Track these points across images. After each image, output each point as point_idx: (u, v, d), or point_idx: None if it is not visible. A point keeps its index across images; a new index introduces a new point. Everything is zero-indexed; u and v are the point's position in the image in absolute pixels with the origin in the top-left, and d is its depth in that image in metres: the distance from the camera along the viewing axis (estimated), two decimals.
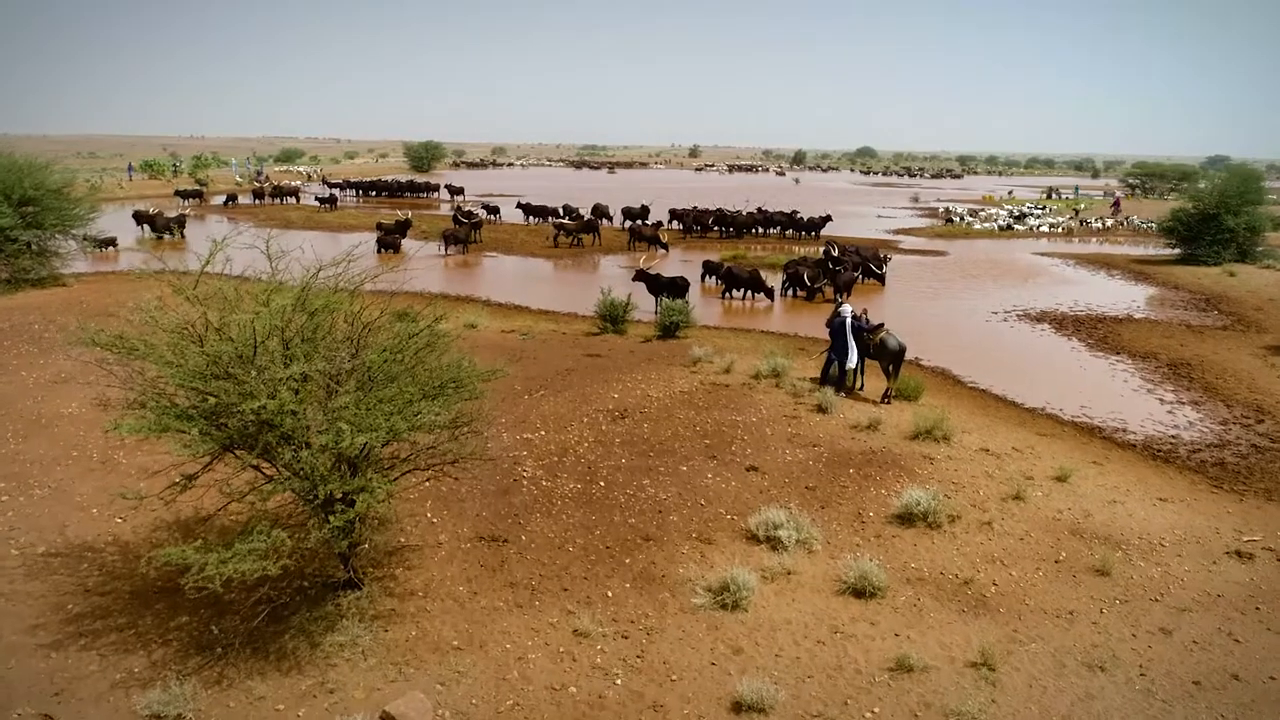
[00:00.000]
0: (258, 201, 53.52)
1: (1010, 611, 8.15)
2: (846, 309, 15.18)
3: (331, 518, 6.53)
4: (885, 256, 29.35)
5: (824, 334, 16.22)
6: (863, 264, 27.74)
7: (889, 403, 14.36)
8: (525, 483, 10.58)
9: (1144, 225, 49.32)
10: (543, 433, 12.29)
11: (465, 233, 34.31)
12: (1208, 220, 33.92)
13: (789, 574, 8.61)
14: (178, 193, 52.57)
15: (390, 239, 32.66)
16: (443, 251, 32.91)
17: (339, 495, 6.73)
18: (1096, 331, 21.87)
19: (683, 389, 14.58)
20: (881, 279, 27.78)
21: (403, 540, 9.07)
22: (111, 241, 30.10)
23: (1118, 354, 19.54)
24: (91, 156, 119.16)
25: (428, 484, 9.76)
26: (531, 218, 45.60)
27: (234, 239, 8.18)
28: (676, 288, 21.99)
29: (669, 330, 19.16)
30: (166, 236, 34.73)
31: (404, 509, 9.59)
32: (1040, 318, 23.57)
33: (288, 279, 7.71)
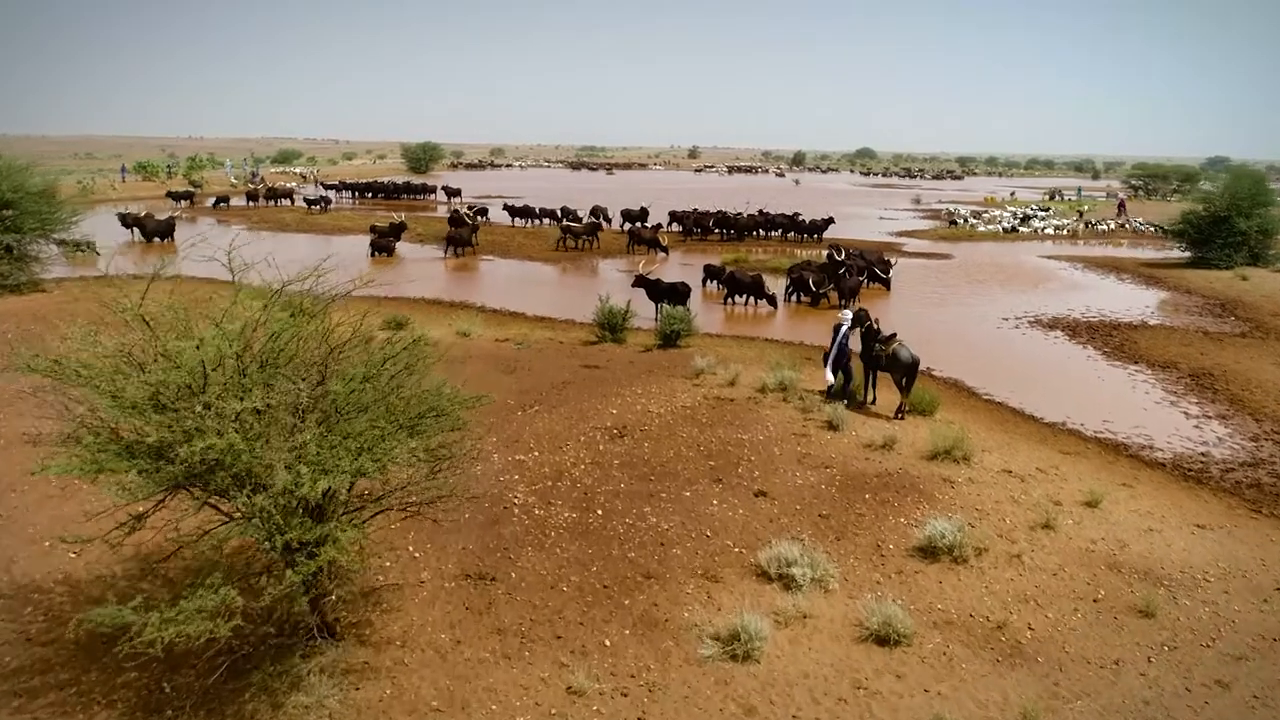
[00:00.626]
0: (251, 204, 52.60)
1: (1050, 661, 7.39)
2: (846, 315, 14.49)
3: (289, 571, 5.74)
4: (890, 260, 28.59)
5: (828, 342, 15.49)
6: (868, 268, 26.97)
7: (902, 418, 13.60)
8: (516, 511, 9.80)
9: (1145, 227, 48.55)
10: (536, 454, 11.52)
11: (466, 234, 33.73)
12: (1219, 223, 33.19)
13: (804, 618, 7.84)
14: (169, 194, 51.72)
15: (384, 242, 31.99)
16: (449, 253, 32.51)
17: (297, 545, 5.94)
18: (1112, 339, 21.10)
19: (685, 404, 13.82)
20: (887, 284, 27.00)
21: (381, 579, 8.30)
22: (89, 245, 28.92)
23: (1136, 363, 18.79)
24: (89, 157, 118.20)
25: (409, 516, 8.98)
26: (517, 220, 44.75)
27: (201, 245, 7.46)
28: (677, 293, 21.20)
29: (670, 339, 18.39)
30: (156, 240, 33.90)
31: (383, 543, 8.81)
32: (1053, 324, 22.80)
33: (249, 291, 6.95)
